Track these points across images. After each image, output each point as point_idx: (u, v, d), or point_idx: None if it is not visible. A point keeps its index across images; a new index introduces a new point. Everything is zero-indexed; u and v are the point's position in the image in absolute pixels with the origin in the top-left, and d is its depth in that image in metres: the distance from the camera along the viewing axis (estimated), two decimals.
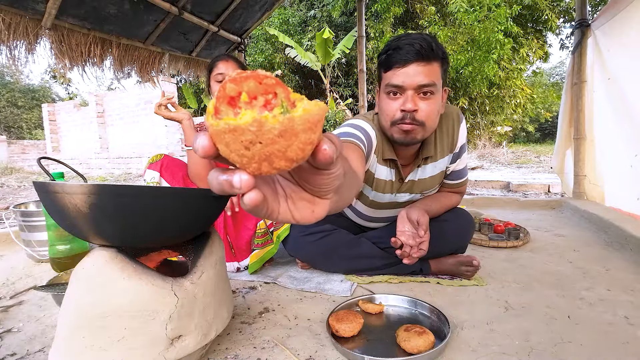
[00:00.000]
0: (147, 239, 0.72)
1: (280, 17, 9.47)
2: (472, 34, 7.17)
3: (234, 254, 1.33)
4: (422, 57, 0.93)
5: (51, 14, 1.75)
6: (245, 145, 0.24)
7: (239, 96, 0.26)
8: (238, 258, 1.33)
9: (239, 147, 0.25)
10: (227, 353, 0.82)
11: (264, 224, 1.30)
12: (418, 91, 0.95)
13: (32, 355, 0.83)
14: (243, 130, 0.24)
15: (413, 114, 0.96)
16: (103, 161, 9.44)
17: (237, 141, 0.24)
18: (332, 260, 1.25)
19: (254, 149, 0.24)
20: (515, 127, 12.85)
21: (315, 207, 0.32)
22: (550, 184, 3.95)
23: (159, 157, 1.40)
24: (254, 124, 0.24)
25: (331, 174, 0.30)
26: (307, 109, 0.25)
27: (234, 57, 1.45)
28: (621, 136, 1.95)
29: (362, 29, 3.24)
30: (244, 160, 0.25)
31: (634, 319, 0.92)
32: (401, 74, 0.95)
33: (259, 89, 0.27)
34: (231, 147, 0.25)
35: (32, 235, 1.51)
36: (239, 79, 0.26)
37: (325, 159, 0.27)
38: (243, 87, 0.26)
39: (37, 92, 18.49)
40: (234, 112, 0.26)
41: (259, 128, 0.24)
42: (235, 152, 0.25)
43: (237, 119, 0.24)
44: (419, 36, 0.94)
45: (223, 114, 0.26)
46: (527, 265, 1.36)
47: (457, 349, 0.81)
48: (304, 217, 0.32)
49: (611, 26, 1.99)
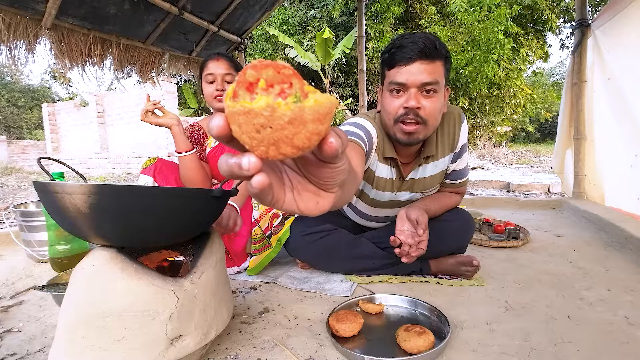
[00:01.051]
0: (147, 239, 0.72)
1: (280, 17, 9.47)
2: (472, 34, 7.17)
3: (232, 259, 1.32)
4: (425, 56, 0.93)
5: (51, 14, 1.75)
6: (256, 128, 0.26)
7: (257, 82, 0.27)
8: (236, 262, 1.33)
9: (250, 129, 0.26)
10: (227, 353, 0.82)
11: (259, 230, 1.28)
12: (421, 89, 0.95)
13: (32, 355, 0.83)
14: (256, 113, 0.26)
15: (416, 111, 0.96)
16: (103, 161, 9.44)
17: (249, 123, 0.26)
18: (333, 261, 1.25)
19: (264, 132, 0.26)
20: (515, 127, 12.85)
21: (320, 199, 0.33)
22: (550, 184, 3.95)
23: (153, 160, 1.36)
24: (267, 109, 0.25)
25: (336, 167, 0.30)
26: (318, 100, 0.26)
27: (225, 55, 1.40)
28: (621, 136, 1.95)
29: (362, 29, 3.24)
30: (253, 142, 0.27)
31: (634, 319, 0.92)
32: (405, 71, 0.95)
33: (277, 77, 0.28)
34: (243, 128, 0.26)
35: (32, 235, 1.51)
36: (259, 66, 0.28)
37: (331, 152, 0.27)
38: (262, 74, 0.27)
39: (37, 92, 18.48)
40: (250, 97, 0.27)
41: (271, 113, 0.25)
42: (247, 134, 0.26)
43: (253, 103, 0.26)
44: (422, 35, 0.95)
45: (240, 98, 0.27)
46: (527, 265, 1.36)
47: (457, 349, 0.81)
48: (308, 208, 0.33)
49: (611, 26, 1.99)
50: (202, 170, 1.34)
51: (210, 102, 1.43)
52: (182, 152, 1.28)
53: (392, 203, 1.23)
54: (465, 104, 8.66)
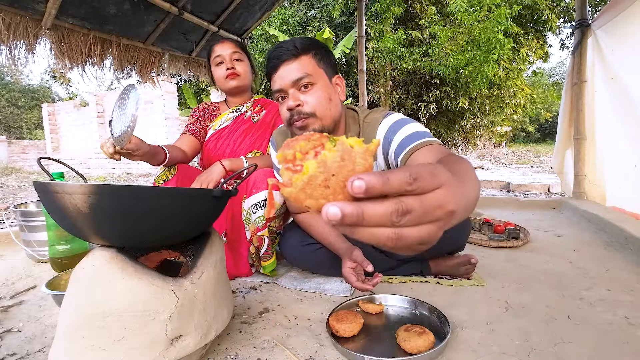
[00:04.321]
0: (147, 239, 0.72)
1: (280, 17, 9.46)
2: (472, 34, 7.16)
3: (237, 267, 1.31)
4: (288, 57, 0.97)
5: (51, 14, 1.75)
6: (324, 185, 0.28)
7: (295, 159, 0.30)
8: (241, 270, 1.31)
9: (320, 190, 0.28)
10: (227, 353, 0.82)
11: (253, 249, 1.26)
12: (297, 87, 0.98)
13: (32, 355, 0.83)
14: (316, 175, 0.28)
15: (299, 109, 0.98)
16: (103, 161, 9.43)
17: (316, 187, 0.28)
18: (332, 268, 1.23)
19: (332, 182, 0.28)
20: (515, 127, 12.85)
21: None
22: (550, 184, 3.95)
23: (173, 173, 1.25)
24: (320, 165, 0.28)
25: None
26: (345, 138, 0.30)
27: (229, 38, 1.43)
28: (624, 136, 1.95)
29: (362, 29, 3.24)
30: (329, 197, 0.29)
31: (634, 319, 0.92)
32: (277, 78, 0.99)
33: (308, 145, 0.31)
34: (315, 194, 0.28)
35: (32, 235, 1.51)
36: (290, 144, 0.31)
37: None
38: (295, 148, 0.31)
39: (37, 92, 18.48)
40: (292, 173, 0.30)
41: (324, 165, 0.28)
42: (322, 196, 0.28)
43: (303, 173, 0.28)
44: (283, 41, 1.00)
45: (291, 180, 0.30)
46: (527, 265, 1.36)
47: (457, 349, 0.81)
48: None
49: (614, 25, 1.98)
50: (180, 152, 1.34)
51: (222, 84, 1.44)
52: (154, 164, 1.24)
53: None
54: (465, 104, 8.65)
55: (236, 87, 1.45)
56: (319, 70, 0.99)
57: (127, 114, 0.90)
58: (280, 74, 0.98)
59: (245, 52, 1.48)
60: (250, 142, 1.46)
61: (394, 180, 0.27)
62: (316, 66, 0.99)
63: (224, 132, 1.46)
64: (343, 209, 0.27)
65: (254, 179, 1.23)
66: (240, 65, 1.44)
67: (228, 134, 1.46)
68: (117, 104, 0.94)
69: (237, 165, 1.31)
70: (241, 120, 1.48)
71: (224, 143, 1.45)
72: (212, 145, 1.45)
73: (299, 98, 0.97)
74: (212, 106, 1.54)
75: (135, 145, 1.02)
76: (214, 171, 1.27)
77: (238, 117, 1.49)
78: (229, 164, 1.30)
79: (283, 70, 0.97)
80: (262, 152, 1.48)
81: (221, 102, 1.57)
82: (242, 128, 1.47)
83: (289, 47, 0.97)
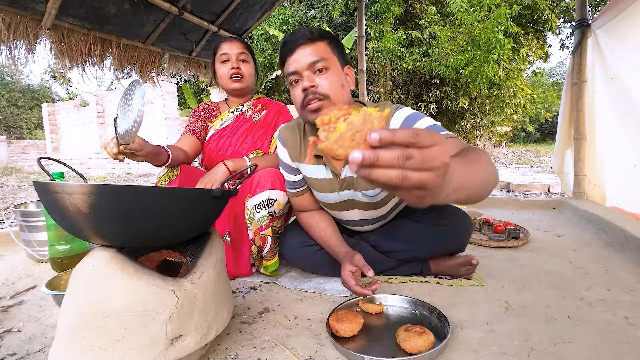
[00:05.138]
0: (147, 239, 0.72)
1: (280, 17, 9.45)
2: (472, 34, 7.16)
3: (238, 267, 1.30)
4: (304, 41, 1.00)
5: (51, 14, 1.75)
6: (351, 137, 0.40)
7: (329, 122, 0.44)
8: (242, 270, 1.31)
9: (349, 142, 0.40)
10: (227, 353, 0.82)
11: (255, 249, 1.26)
12: (312, 70, 0.99)
13: (32, 355, 0.83)
14: (345, 132, 0.40)
15: (314, 89, 0.99)
16: (103, 161, 9.44)
17: (345, 140, 0.40)
18: (332, 269, 1.22)
19: (357, 137, 0.40)
20: (515, 127, 12.84)
21: None
22: (550, 184, 3.95)
23: (175, 174, 1.25)
24: (348, 125, 0.41)
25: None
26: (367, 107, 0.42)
27: (237, 38, 1.44)
28: (624, 136, 1.95)
29: (362, 29, 3.24)
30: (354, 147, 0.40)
31: (634, 319, 0.92)
32: (292, 61, 1.01)
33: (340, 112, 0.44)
34: (345, 145, 0.40)
35: (32, 235, 1.51)
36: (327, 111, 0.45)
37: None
38: (330, 115, 0.44)
39: (37, 92, 18.48)
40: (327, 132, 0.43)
41: (351, 125, 0.41)
42: (350, 147, 0.40)
43: (336, 130, 0.41)
44: (300, 28, 1.03)
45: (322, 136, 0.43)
46: (527, 265, 1.36)
47: (457, 349, 0.81)
48: None
49: (614, 25, 1.98)
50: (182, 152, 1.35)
51: (225, 82, 1.45)
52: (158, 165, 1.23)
53: (348, 204, 1.17)
54: (465, 104, 8.63)
55: (239, 89, 1.45)
56: (332, 57, 1.02)
57: (132, 109, 0.90)
58: (296, 57, 1.00)
59: (251, 54, 1.50)
60: (252, 142, 1.46)
61: (400, 134, 0.37)
62: (330, 53, 1.02)
63: (225, 132, 1.46)
64: (364, 153, 0.37)
65: (257, 178, 1.24)
66: (246, 67, 1.45)
67: (229, 133, 1.46)
68: (122, 100, 0.94)
69: (240, 165, 1.31)
70: (242, 120, 1.48)
71: (226, 143, 1.45)
72: (213, 145, 1.45)
73: (314, 80, 0.99)
74: (212, 106, 1.54)
75: (139, 145, 1.02)
76: (218, 172, 1.27)
77: (239, 116, 1.49)
78: (233, 164, 1.30)
79: (299, 54, 0.99)
80: (264, 151, 1.47)
81: (221, 102, 1.57)
82: (243, 127, 1.47)
83: (306, 32, 1.01)
